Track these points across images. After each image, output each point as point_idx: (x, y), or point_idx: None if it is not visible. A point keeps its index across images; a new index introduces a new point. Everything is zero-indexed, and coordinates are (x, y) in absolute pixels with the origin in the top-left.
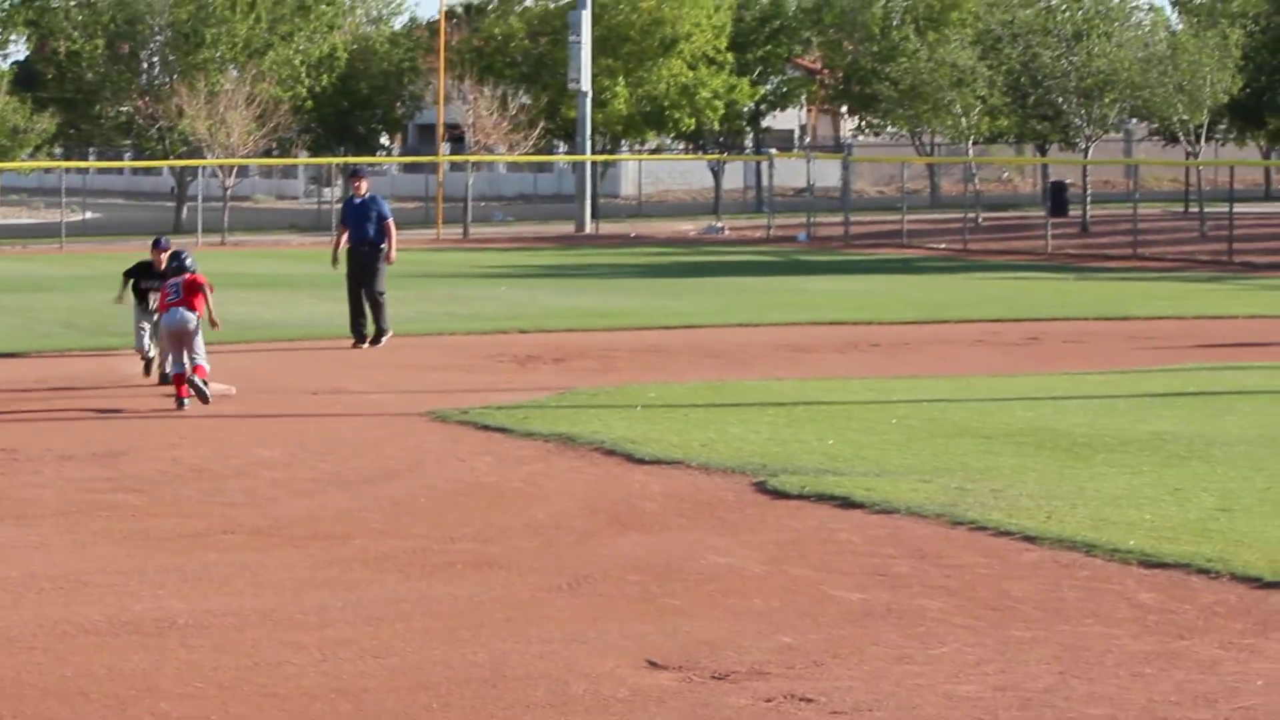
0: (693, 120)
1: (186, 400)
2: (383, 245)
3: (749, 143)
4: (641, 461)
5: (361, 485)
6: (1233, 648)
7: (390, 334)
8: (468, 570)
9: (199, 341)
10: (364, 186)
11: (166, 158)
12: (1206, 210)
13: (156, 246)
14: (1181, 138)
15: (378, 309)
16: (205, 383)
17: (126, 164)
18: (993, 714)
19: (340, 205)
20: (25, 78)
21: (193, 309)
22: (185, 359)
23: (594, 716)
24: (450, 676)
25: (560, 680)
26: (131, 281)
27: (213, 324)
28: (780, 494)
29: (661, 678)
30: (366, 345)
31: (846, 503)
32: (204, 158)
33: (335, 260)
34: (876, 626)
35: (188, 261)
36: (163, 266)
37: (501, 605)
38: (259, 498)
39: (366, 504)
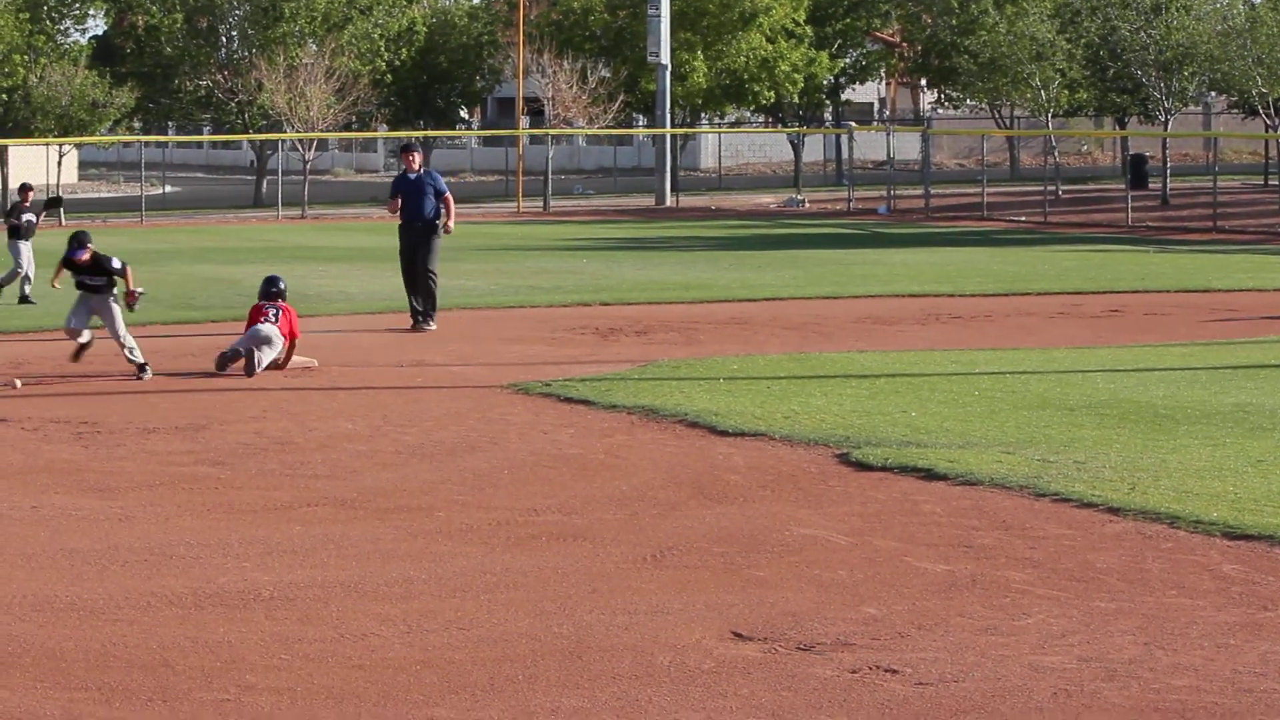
0: (772, 93)
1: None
2: (438, 221)
3: (828, 116)
4: (725, 433)
5: (445, 457)
6: None
7: (434, 327)
8: (552, 542)
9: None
10: (417, 160)
11: (246, 132)
12: None
13: (81, 246)
14: (1260, 111)
15: (429, 291)
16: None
17: (206, 138)
18: (1078, 685)
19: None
20: (104, 52)
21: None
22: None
23: (679, 688)
24: (535, 648)
25: (645, 652)
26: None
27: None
28: (864, 466)
29: (746, 649)
30: (414, 326)
31: (930, 474)
32: (283, 132)
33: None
34: (961, 598)
35: (114, 264)
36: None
37: (586, 577)
38: (342, 470)
39: (450, 476)
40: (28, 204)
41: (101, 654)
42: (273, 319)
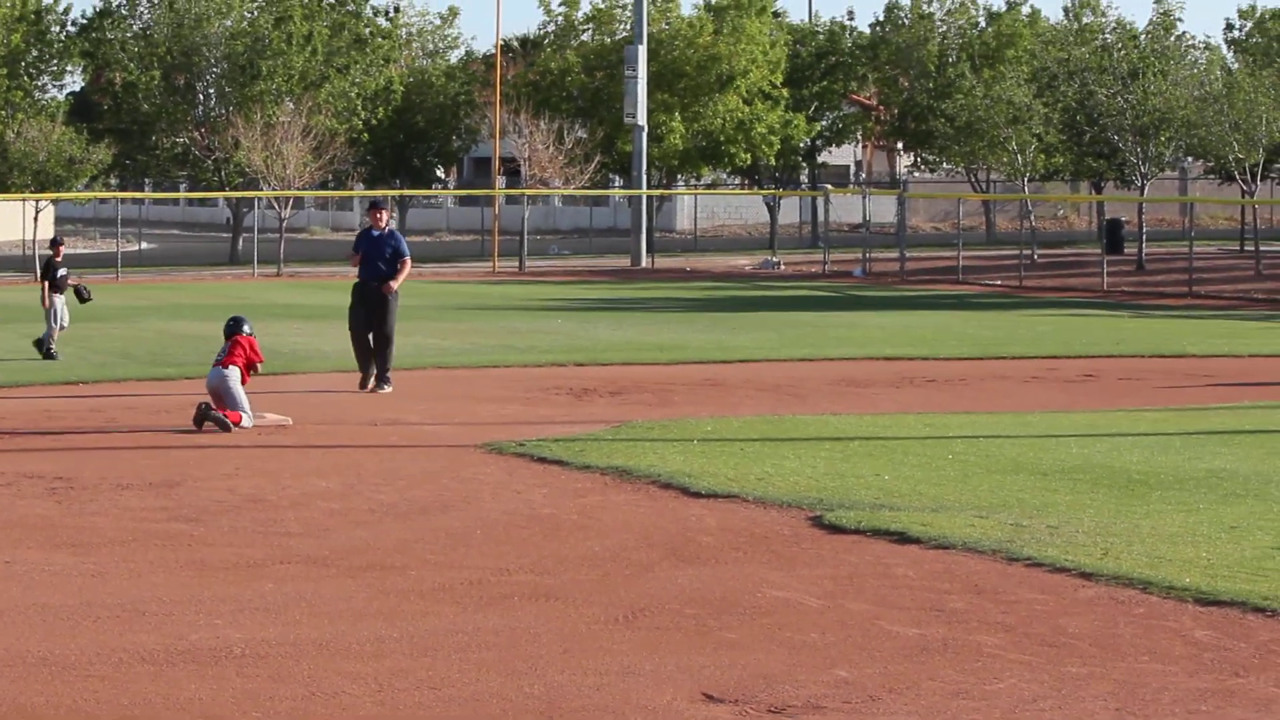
0: (748, 155)
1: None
2: (392, 283)
3: (805, 178)
4: (698, 495)
5: (418, 516)
6: None
7: (390, 388)
8: (524, 602)
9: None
10: (384, 219)
11: (222, 189)
12: (1262, 249)
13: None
14: (1237, 176)
15: (384, 354)
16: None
17: (182, 195)
18: None
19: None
20: (82, 108)
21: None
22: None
23: None
24: (507, 708)
25: (617, 713)
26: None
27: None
28: (837, 529)
29: (718, 711)
30: (369, 389)
31: (903, 538)
32: (260, 189)
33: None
34: (932, 662)
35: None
36: None
37: (558, 637)
38: (315, 528)
39: (423, 535)
40: (59, 258)
41: (74, 710)
42: (219, 363)
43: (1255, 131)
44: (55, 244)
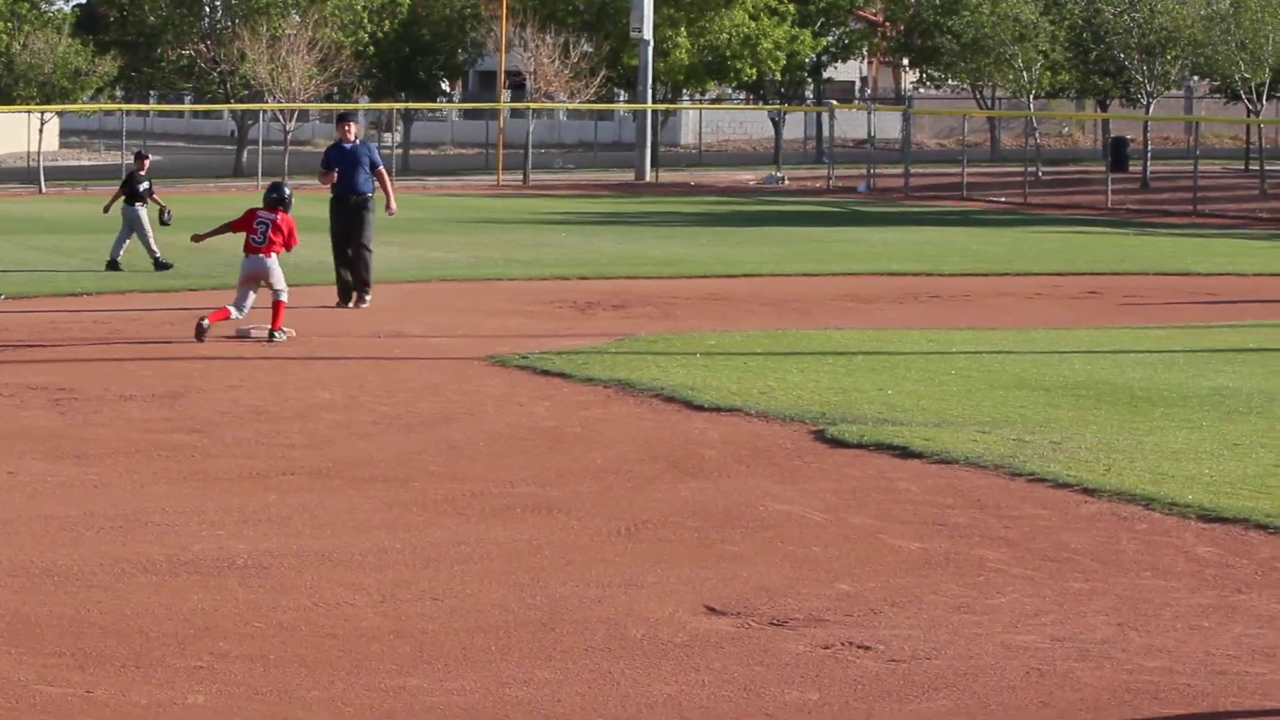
0: (754, 71)
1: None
2: (371, 195)
3: (810, 94)
4: (701, 408)
5: (421, 428)
6: None
7: (371, 297)
8: (526, 514)
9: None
10: (353, 130)
11: (227, 102)
12: (1267, 168)
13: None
14: (1243, 95)
15: (363, 264)
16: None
17: (187, 107)
18: (1050, 665)
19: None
20: (87, 21)
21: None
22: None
23: (652, 661)
24: (509, 619)
25: (618, 624)
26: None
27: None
28: (839, 442)
29: (719, 623)
30: (351, 304)
31: (905, 452)
32: (265, 102)
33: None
34: (935, 576)
35: None
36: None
37: (560, 549)
38: (318, 440)
39: (426, 447)
40: (143, 171)
41: (76, 620)
42: (260, 239)
43: (1261, 51)
44: (140, 157)
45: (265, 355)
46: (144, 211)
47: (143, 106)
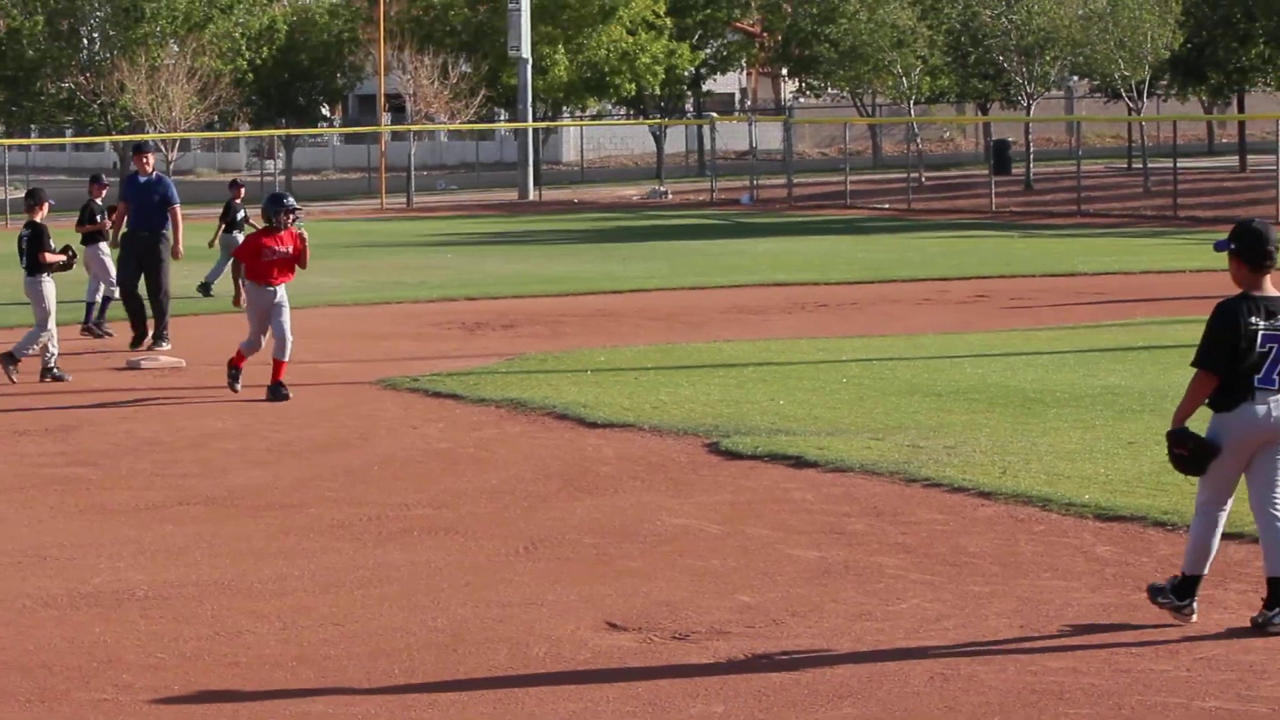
0: (633, 85)
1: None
2: (165, 232)
3: (690, 107)
4: (594, 425)
5: (315, 454)
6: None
7: (169, 345)
8: (424, 536)
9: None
10: (150, 162)
11: (109, 133)
12: (1150, 166)
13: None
14: (1123, 94)
15: (160, 308)
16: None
17: (69, 140)
18: (954, 668)
19: (125, 182)
20: None
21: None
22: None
23: (555, 679)
24: (411, 642)
25: (521, 644)
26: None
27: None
28: (733, 454)
29: (621, 639)
30: (144, 346)
31: (800, 462)
32: (146, 132)
33: (115, 241)
34: (835, 584)
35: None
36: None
37: (459, 570)
38: (213, 469)
39: (321, 473)
40: (239, 199)
41: None
42: (281, 256)
43: (1140, 48)
44: (235, 185)
45: (156, 386)
46: (239, 240)
47: (23, 140)
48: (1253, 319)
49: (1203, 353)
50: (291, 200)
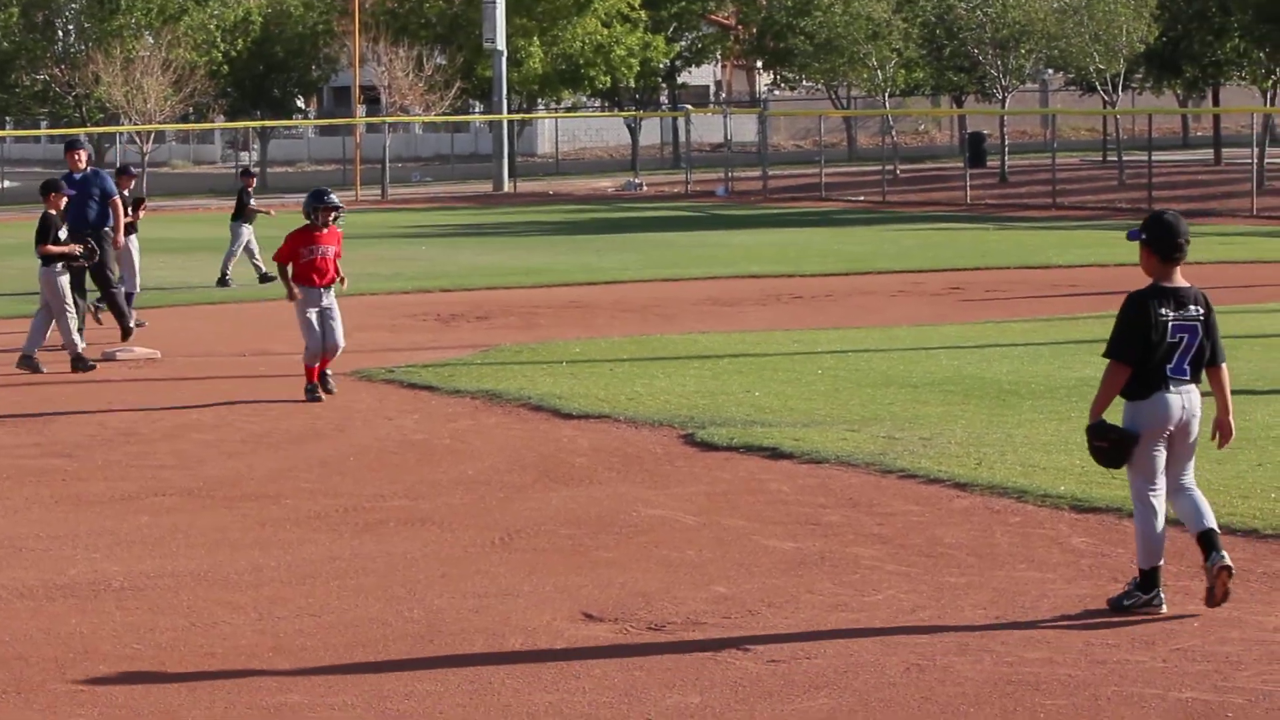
0: (608, 78)
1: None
2: (106, 229)
3: (665, 99)
4: (569, 416)
5: (290, 445)
6: (1167, 590)
7: (134, 332)
8: (400, 527)
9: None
10: (83, 159)
11: (84, 125)
12: (1125, 159)
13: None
14: (1098, 87)
15: (112, 305)
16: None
17: (43, 132)
18: (930, 659)
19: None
20: None
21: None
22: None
23: (531, 669)
24: (387, 633)
25: (497, 634)
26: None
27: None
28: (709, 446)
29: (597, 630)
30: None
31: (775, 453)
32: (121, 124)
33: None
34: (810, 575)
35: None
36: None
37: (435, 561)
38: (189, 460)
39: (296, 464)
40: (251, 187)
41: None
42: (323, 279)
43: (1115, 41)
44: (247, 174)
45: (131, 378)
46: (248, 229)
47: None
48: (1163, 310)
49: (1114, 344)
50: (334, 197)
